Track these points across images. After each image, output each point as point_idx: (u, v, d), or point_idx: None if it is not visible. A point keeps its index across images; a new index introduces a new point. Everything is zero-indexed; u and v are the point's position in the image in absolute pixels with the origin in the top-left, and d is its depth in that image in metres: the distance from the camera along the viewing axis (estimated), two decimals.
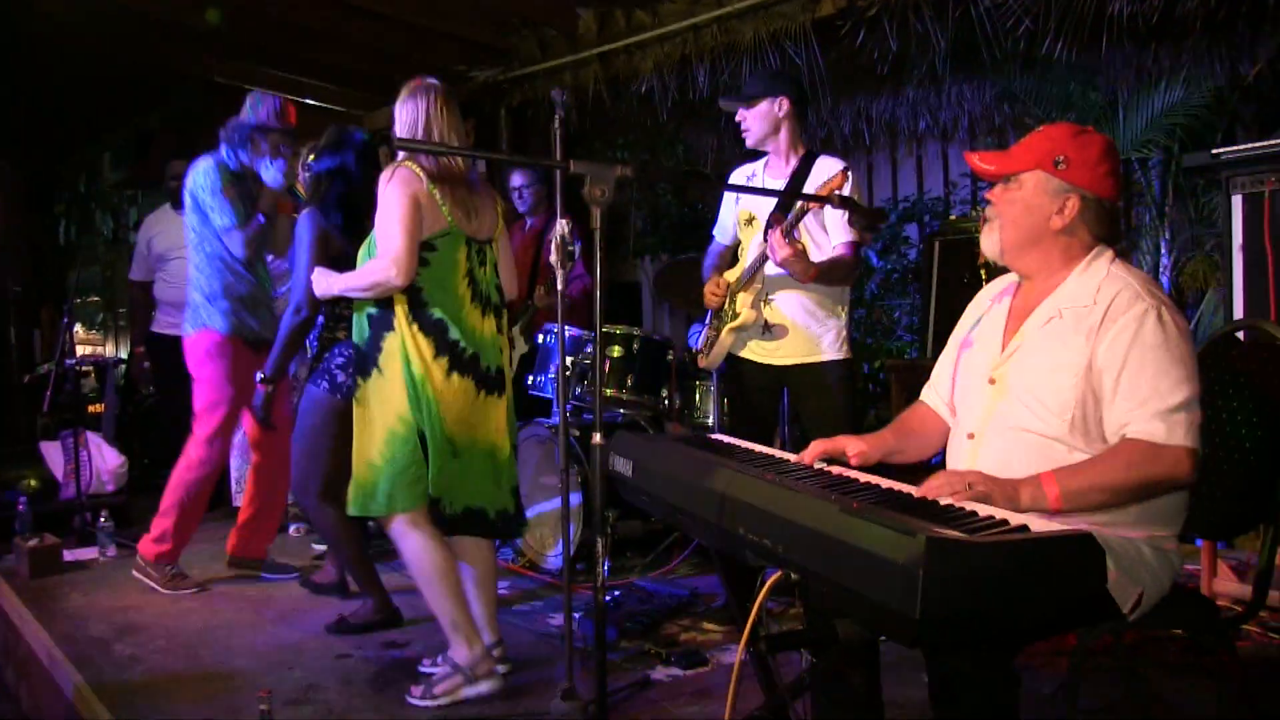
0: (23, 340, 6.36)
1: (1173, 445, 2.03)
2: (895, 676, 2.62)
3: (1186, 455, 2.04)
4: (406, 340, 3.16)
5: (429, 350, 3.17)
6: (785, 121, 3.72)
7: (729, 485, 2.03)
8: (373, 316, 3.25)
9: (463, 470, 3.25)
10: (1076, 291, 2.20)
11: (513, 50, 6.85)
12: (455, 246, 3.24)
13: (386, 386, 3.20)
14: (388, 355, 3.20)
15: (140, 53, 7.29)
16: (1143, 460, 2.04)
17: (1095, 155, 2.21)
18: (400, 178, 3.12)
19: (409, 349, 3.16)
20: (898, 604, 1.54)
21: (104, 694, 3.38)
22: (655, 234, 7.90)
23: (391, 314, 3.18)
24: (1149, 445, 2.04)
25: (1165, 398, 2.04)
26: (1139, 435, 2.05)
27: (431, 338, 3.18)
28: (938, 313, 4.78)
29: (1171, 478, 2.05)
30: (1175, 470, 2.04)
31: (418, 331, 3.17)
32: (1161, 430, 2.03)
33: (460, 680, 3.24)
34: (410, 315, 3.17)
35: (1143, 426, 2.04)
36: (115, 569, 4.94)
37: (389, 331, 3.20)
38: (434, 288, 3.20)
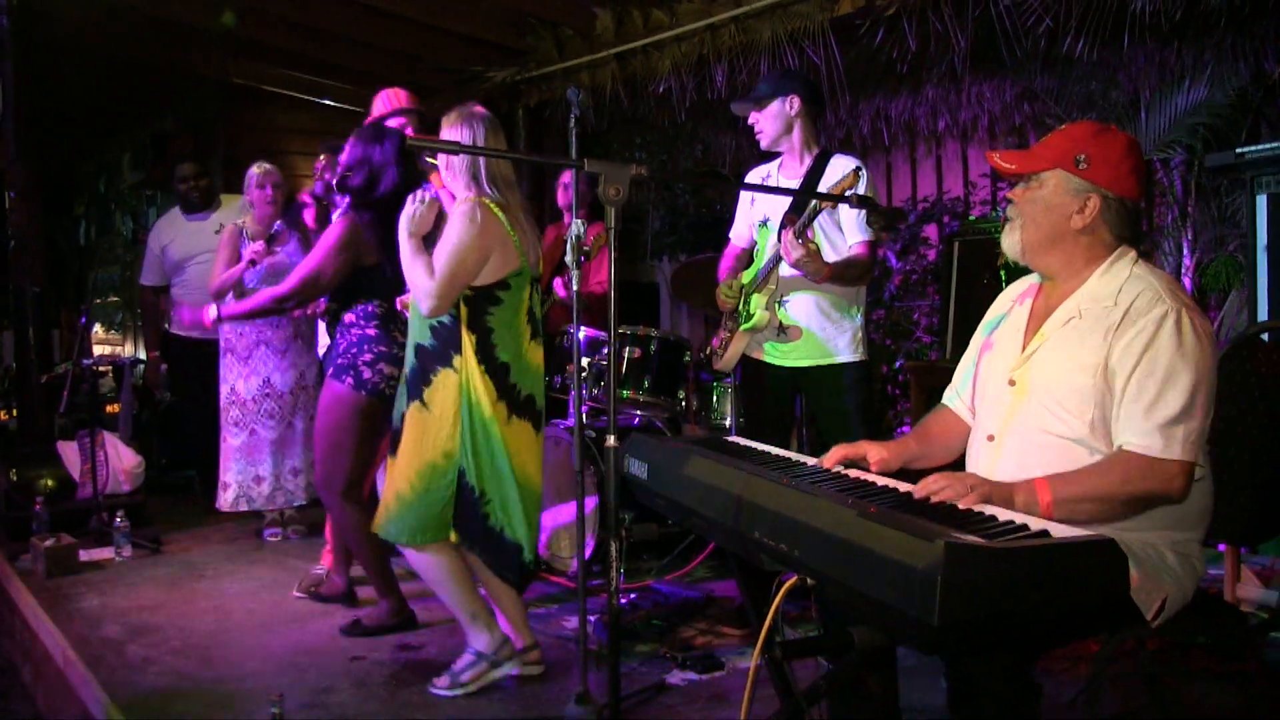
0: (41, 340, 6.37)
1: (1168, 460, 1.99)
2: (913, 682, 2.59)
3: (1181, 471, 2.00)
4: (471, 380, 3.15)
5: (492, 394, 3.16)
6: (798, 120, 3.69)
7: (745, 488, 2.01)
8: (424, 349, 3.22)
9: (532, 512, 3.29)
10: (1098, 292, 2.17)
11: (529, 50, 6.84)
12: (524, 285, 3.25)
13: (433, 422, 3.18)
14: (437, 390, 3.17)
15: (158, 54, 7.33)
16: (1137, 475, 2.01)
17: (1117, 154, 2.18)
18: (480, 217, 3.10)
19: (472, 390, 3.14)
20: (916, 610, 1.51)
21: (117, 695, 3.38)
22: (673, 234, 7.88)
23: (451, 350, 3.16)
24: (1144, 459, 2.00)
25: (1169, 406, 2.00)
26: (1135, 448, 2.01)
27: (496, 381, 3.17)
28: (957, 314, 4.74)
29: (1164, 493, 2.02)
30: (1169, 486, 2.01)
31: (485, 374, 3.16)
32: (1159, 444, 1.99)
33: (485, 666, 3.29)
34: (478, 356, 3.15)
35: (1140, 439, 2.01)
36: (131, 569, 4.95)
37: (444, 367, 3.17)
38: (503, 330, 3.20)
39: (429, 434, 3.18)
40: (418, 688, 3.33)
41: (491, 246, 3.13)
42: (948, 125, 6.52)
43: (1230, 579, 3.63)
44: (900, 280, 6.41)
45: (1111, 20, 4.54)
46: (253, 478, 5.25)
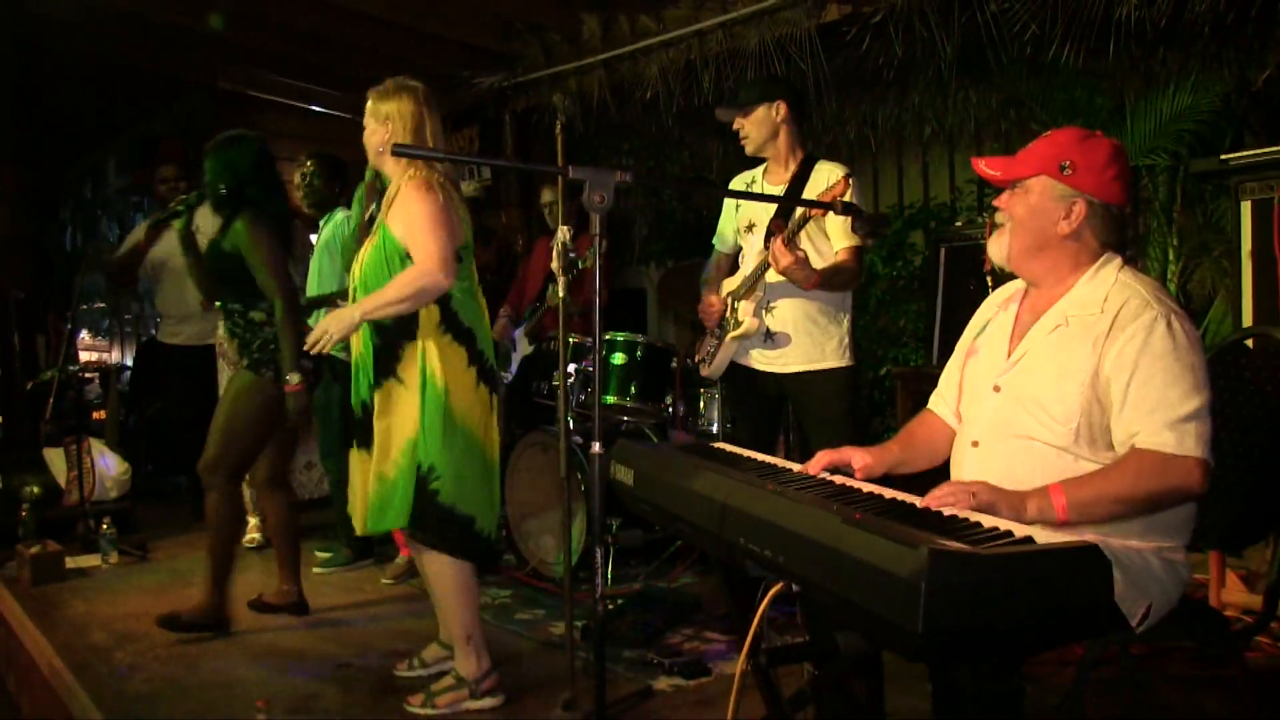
0: (27, 346, 6.35)
1: (1183, 456, 1.99)
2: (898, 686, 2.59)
3: (1197, 466, 2.00)
4: (430, 349, 3.09)
5: (462, 360, 3.13)
6: (783, 126, 3.69)
7: (730, 495, 2.01)
8: (385, 327, 3.13)
9: (490, 484, 3.23)
10: (1084, 298, 2.18)
11: (517, 56, 6.85)
12: (471, 256, 3.23)
13: (407, 395, 3.11)
14: (408, 364, 3.11)
15: (145, 58, 7.30)
16: (1153, 472, 2.01)
17: (1102, 160, 2.19)
18: (432, 187, 3.07)
19: (430, 358, 3.09)
20: (900, 617, 1.51)
21: (103, 703, 3.37)
22: (660, 240, 7.88)
23: (412, 324, 3.10)
24: (1159, 456, 2.00)
25: (1175, 407, 2.00)
26: (1149, 446, 2.01)
27: (464, 347, 3.14)
28: (944, 320, 4.75)
29: (1182, 489, 2.02)
30: (1186, 481, 2.01)
31: (451, 341, 3.12)
32: (1172, 440, 2.00)
33: (465, 693, 3.22)
34: (442, 325, 3.11)
35: (1153, 437, 2.01)
36: (117, 576, 4.93)
37: (408, 340, 3.11)
38: (464, 296, 3.17)
39: (407, 409, 3.11)
40: (405, 695, 3.31)
41: (450, 211, 3.09)
42: (934, 131, 6.53)
43: (1215, 584, 3.65)
44: (886, 286, 6.42)
45: (1097, 27, 4.56)
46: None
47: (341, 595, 4.56)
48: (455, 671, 3.26)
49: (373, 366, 3.19)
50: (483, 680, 3.24)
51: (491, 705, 3.22)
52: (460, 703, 3.21)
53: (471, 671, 3.23)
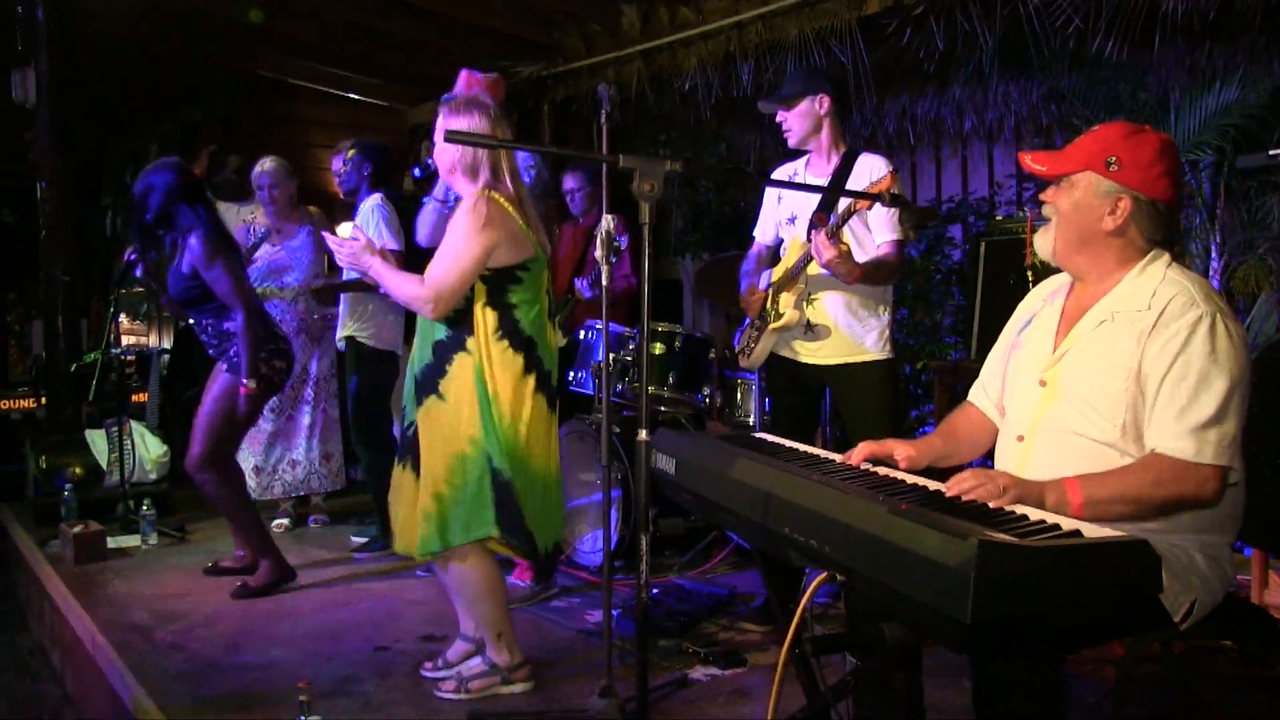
0: (70, 329, 6.44)
1: (1201, 464, 1.99)
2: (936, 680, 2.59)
3: (1214, 475, 2.00)
4: (485, 360, 3.06)
5: (519, 367, 3.10)
6: (827, 119, 3.67)
7: (774, 484, 2.02)
8: (440, 342, 3.12)
9: (547, 498, 3.21)
10: (1131, 295, 2.16)
11: (556, 46, 6.86)
12: (541, 269, 3.21)
13: (449, 411, 3.08)
14: (452, 379, 3.08)
15: (186, 46, 7.38)
16: (1170, 478, 2.00)
17: (1149, 156, 2.16)
18: (486, 209, 3.04)
19: (486, 369, 3.06)
20: (948, 608, 1.52)
21: (145, 679, 3.42)
22: (696, 232, 7.87)
23: (465, 334, 3.08)
24: (1177, 463, 2.00)
25: (1202, 410, 1.99)
26: (1168, 451, 2.01)
27: (522, 355, 3.11)
28: (983, 314, 4.72)
29: (1197, 496, 2.01)
30: (1201, 490, 2.00)
31: (508, 349, 3.09)
32: (1191, 448, 1.99)
33: (496, 679, 3.24)
34: (499, 333, 3.09)
35: (1173, 443, 2.00)
36: (156, 557, 5.00)
37: (458, 352, 3.08)
38: (526, 307, 3.14)
39: (449, 425, 3.08)
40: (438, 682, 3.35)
41: (499, 238, 3.05)
42: (974, 125, 6.49)
43: (1258, 583, 3.61)
44: (924, 280, 6.40)
45: (1142, 21, 4.52)
46: (251, 468, 5.31)
47: (377, 579, 4.61)
48: (488, 658, 3.27)
49: (418, 386, 3.17)
50: (516, 669, 3.26)
51: (523, 690, 3.24)
52: (492, 688, 3.24)
53: (504, 661, 3.25)
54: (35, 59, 6.20)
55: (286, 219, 5.44)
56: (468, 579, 3.20)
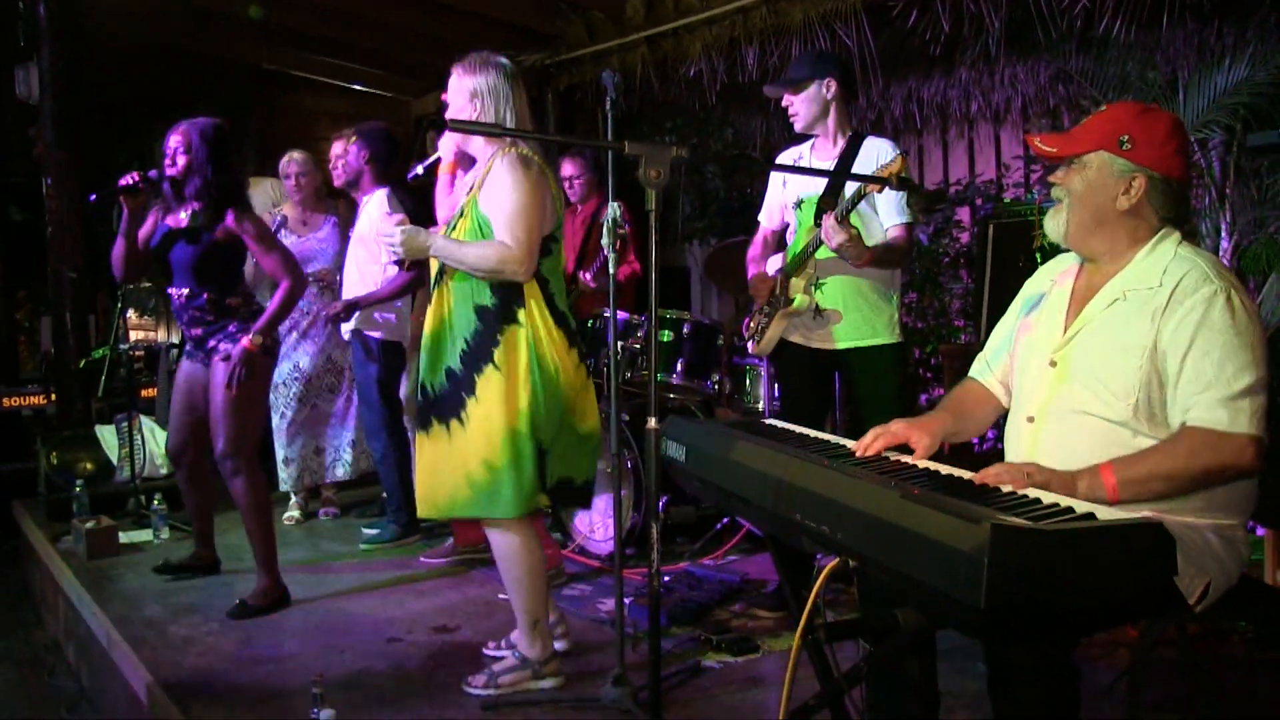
0: (79, 326, 6.45)
1: (1237, 433, 1.97)
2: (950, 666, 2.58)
3: (1251, 443, 1.98)
4: (540, 333, 3.03)
5: (563, 343, 3.08)
6: (834, 103, 3.66)
7: (785, 470, 2.01)
8: (486, 309, 3.04)
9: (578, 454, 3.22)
10: (1142, 273, 2.15)
11: (559, 34, 6.83)
12: (562, 238, 3.19)
13: (506, 383, 3.01)
14: (508, 349, 3.02)
15: (189, 40, 7.38)
16: (1205, 449, 1.98)
17: (1162, 134, 2.15)
18: (530, 165, 3.01)
19: (541, 343, 3.03)
20: (961, 592, 1.51)
21: (160, 673, 3.43)
22: (703, 218, 7.86)
23: (516, 306, 3.02)
24: (1212, 433, 1.98)
25: (1231, 383, 1.98)
26: (1201, 423, 1.99)
27: (563, 330, 3.09)
28: (991, 297, 4.71)
29: (1235, 466, 2.00)
30: (1239, 459, 1.99)
31: (553, 325, 3.06)
32: (1225, 417, 1.97)
33: (528, 674, 3.20)
34: (545, 308, 3.06)
35: (1206, 414, 1.99)
36: (168, 552, 5.00)
37: (512, 325, 3.03)
38: (556, 279, 3.13)
39: (507, 397, 3.01)
40: (455, 670, 3.35)
41: (543, 194, 3.03)
42: (980, 107, 6.46)
43: (1271, 564, 3.60)
44: (932, 263, 6.37)
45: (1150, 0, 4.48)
46: (281, 459, 5.34)
47: (388, 571, 4.61)
48: (519, 652, 3.23)
49: (467, 350, 3.07)
50: (547, 663, 3.22)
51: (554, 685, 3.20)
52: (522, 683, 3.19)
53: (536, 654, 3.20)
54: (38, 55, 6.20)
55: (313, 209, 5.44)
56: (512, 554, 3.15)
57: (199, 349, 4.14)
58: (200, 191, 4.01)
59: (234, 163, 4.14)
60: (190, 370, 4.21)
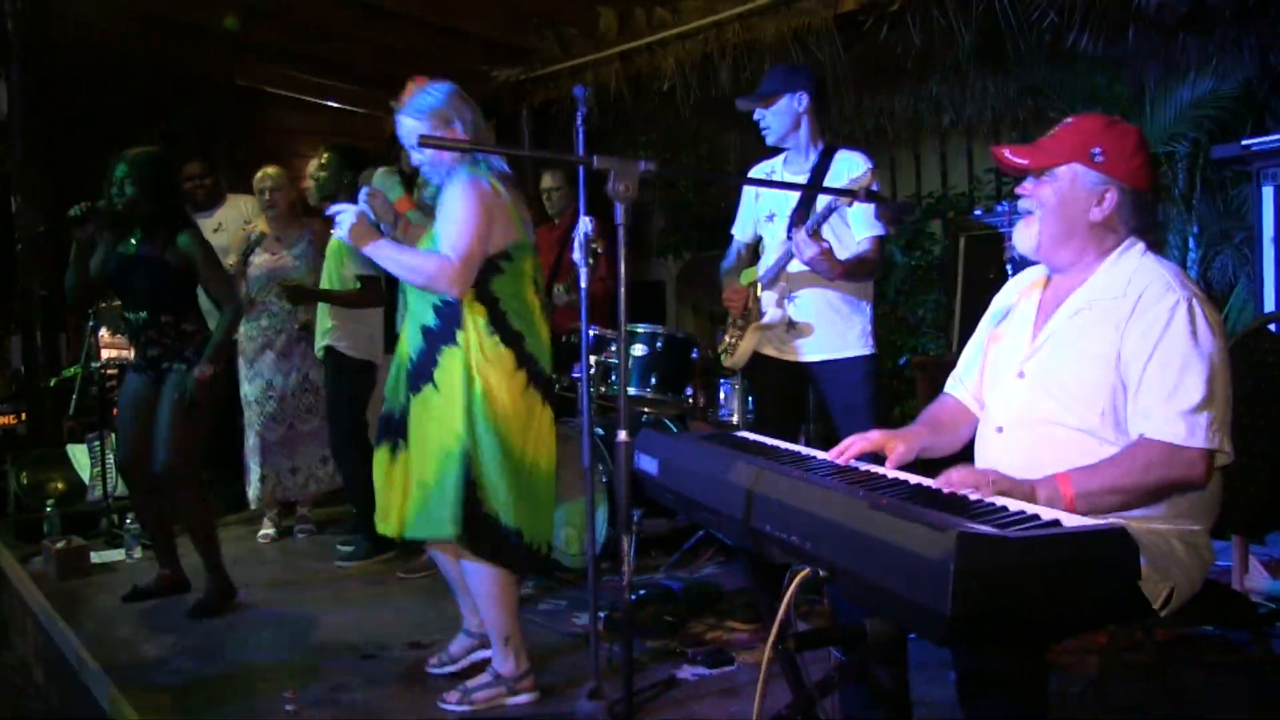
0: (49, 343, 6.40)
1: (1191, 447, 1.99)
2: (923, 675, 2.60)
3: (1202, 458, 2.00)
4: (474, 354, 3.02)
5: (510, 363, 3.05)
6: (805, 116, 3.68)
7: (756, 482, 2.02)
8: (429, 330, 3.09)
9: (535, 495, 3.15)
10: (1107, 283, 2.17)
11: (534, 49, 6.86)
12: (525, 256, 3.14)
13: (442, 403, 3.04)
14: (444, 370, 3.05)
15: (163, 55, 7.34)
16: (1160, 462, 2.01)
17: (1130, 146, 2.18)
18: (478, 186, 2.99)
19: (474, 364, 3.02)
20: (929, 600, 1.52)
21: (131, 695, 3.39)
22: (677, 233, 7.89)
23: (454, 327, 3.04)
24: (1167, 447, 2.00)
25: (1189, 394, 2.00)
26: (1158, 435, 2.01)
27: (513, 350, 3.06)
28: (964, 309, 4.75)
29: (1188, 480, 2.02)
30: (1191, 472, 2.01)
31: (499, 344, 3.04)
32: (1182, 431, 1.99)
33: (502, 690, 3.19)
34: (490, 327, 3.04)
35: (1163, 426, 2.01)
36: (141, 571, 4.94)
37: (449, 345, 3.05)
38: (511, 299, 3.09)
39: (442, 418, 3.04)
40: (430, 687, 3.33)
41: (494, 213, 3.01)
42: (952, 121, 6.53)
43: (1239, 569, 3.63)
44: (905, 276, 6.42)
45: (1116, 15, 4.55)
46: (258, 478, 5.31)
47: (363, 587, 4.59)
48: (493, 669, 3.23)
49: (410, 370, 3.14)
50: (521, 679, 3.21)
51: (530, 700, 3.19)
52: (497, 699, 3.18)
53: (510, 670, 3.20)
54: (7, 71, 6.16)
55: (288, 226, 5.40)
56: (478, 574, 3.15)
57: (151, 367, 4.26)
58: (148, 219, 4.17)
59: (178, 189, 4.35)
60: (137, 384, 4.31)
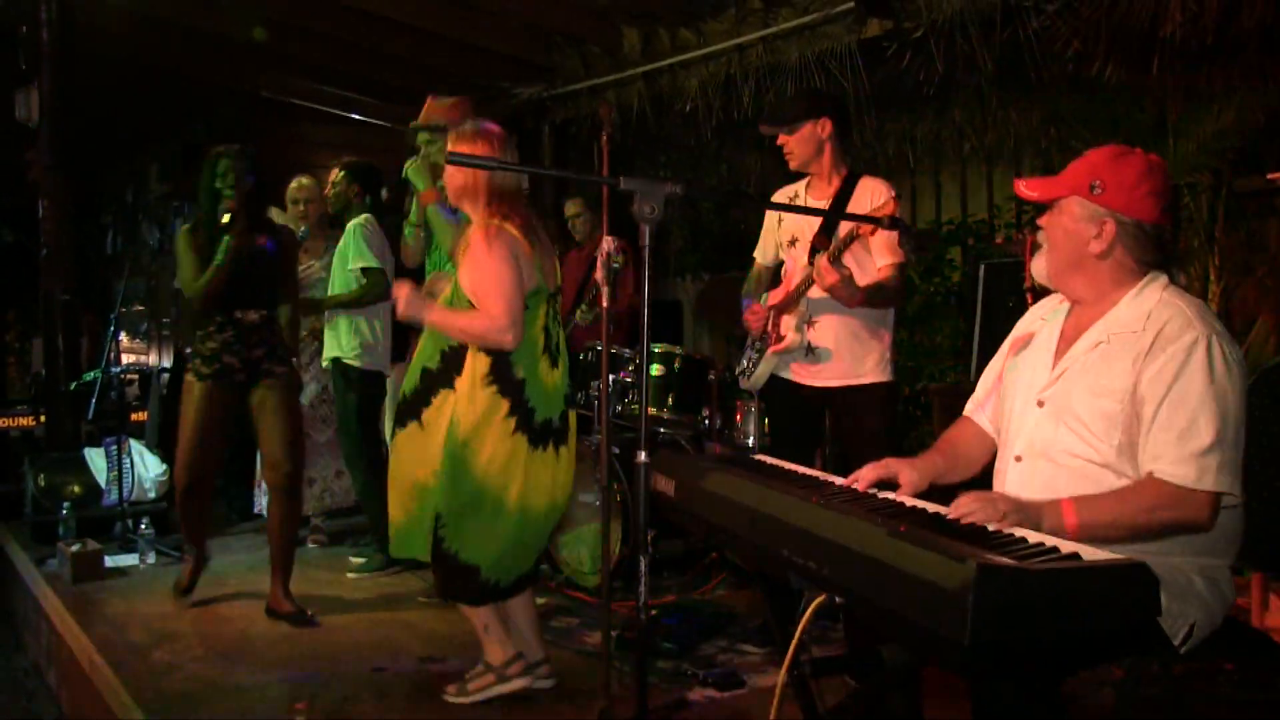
0: (69, 347, 6.44)
1: (1200, 490, 1.98)
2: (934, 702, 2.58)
3: (1210, 501, 1.99)
4: (463, 400, 3.10)
5: (501, 410, 3.11)
6: (829, 143, 3.67)
7: (774, 506, 2.01)
8: (430, 372, 3.21)
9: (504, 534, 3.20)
10: (1127, 317, 2.17)
11: (556, 67, 6.90)
12: (540, 303, 3.21)
13: (426, 440, 3.16)
14: (436, 411, 3.16)
15: (187, 66, 7.42)
16: (1167, 504, 2.00)
17: (1132, 178, 2.17)
18: (504, 237, 3.08)
19: (460, 409, 3.10)
20: (947, 630, 1.52)
21: (141, 700, 3.40)
22: (696, 253, 7.90)
23: (454, 372, 3.14)
24: (1175, 489, 1.99)
25: (1202, 435, 1.98)
26: (1167, 477, 2.00)
27: (508, 399, 3.12)
28: (983, 336, 4.73)
29: (1193, 522, 2.01)
30: (1197, 515, 2.00)
31: (495, 394, 3.10)
32: (1191, 474, 1.98)
33: (492, 679, 3.30)
34: (488, 377, 3.10)
35: (1171, 468, 1.99)
36: (155, 576, 4.98)
37: (444, 388, 3.16)
38: (524, 345, 3.15)
39: (422, 453, 3.17)
40: (439, 701, 3.34)
41: (520, 261, 3.10)
42: (973, 148, 6.53)
43: (1257, 606, 3.60)
44: (923, 302, 6.41)
45: (1141, 44, 4.54)
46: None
47: (375, 599, 4.60)
48: (483, 659, 3.33)
49: (404, 404, 3.26)
50: (510, 664, 3.29)
51: (522, 685, 3.29)
52: (490, 688, 3.29)
53: (497, 657, 3.30)
54: (39, 79, 6.23)
55: (315, 238, 5.46)
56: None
57: (245, 371, 4.17)
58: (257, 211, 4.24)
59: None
60: (216, 393, 4.16)
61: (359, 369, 4.97)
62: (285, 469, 4.20)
